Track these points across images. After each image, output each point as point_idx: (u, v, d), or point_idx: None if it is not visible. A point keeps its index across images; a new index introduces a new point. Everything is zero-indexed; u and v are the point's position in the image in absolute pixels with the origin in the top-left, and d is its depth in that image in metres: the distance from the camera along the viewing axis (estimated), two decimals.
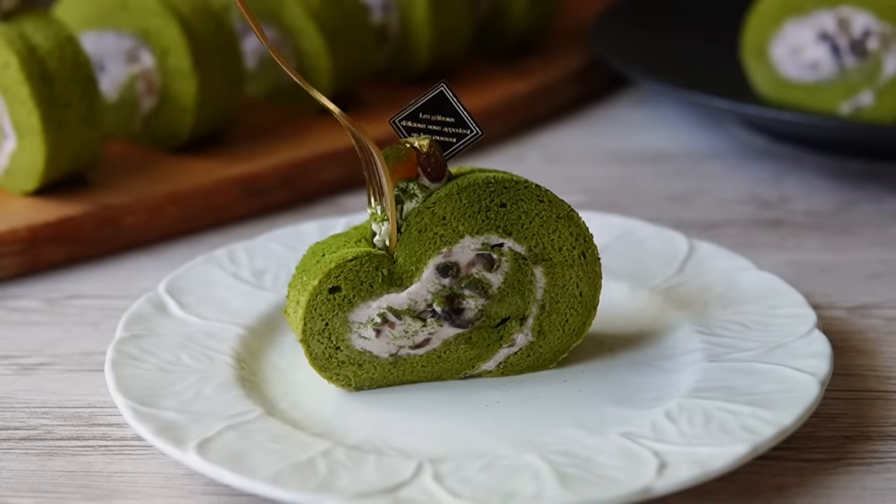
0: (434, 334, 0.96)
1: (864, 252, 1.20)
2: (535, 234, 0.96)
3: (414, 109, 0.95)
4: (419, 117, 0.95)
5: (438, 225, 0.95)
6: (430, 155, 0.94)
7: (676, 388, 0.95)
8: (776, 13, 1.37)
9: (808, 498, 0.89)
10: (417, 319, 0.95)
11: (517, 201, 0.95)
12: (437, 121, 0.95)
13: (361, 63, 1.39)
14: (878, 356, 1.04)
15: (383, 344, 0.96)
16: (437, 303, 0.95)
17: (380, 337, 0.95)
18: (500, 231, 0.96)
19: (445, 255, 0.95)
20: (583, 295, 0.98)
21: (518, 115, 1.45)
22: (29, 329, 1.09)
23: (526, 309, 0.97)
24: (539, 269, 0.97)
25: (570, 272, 0.97)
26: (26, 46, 1.18)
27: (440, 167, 0.95)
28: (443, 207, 0.94)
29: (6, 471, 0.92)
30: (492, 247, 0.95)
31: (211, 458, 0.87)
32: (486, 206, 0.95)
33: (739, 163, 1.37)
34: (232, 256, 1.10)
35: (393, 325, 0.95)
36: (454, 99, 0.95)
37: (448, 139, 0.95)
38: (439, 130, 0.95)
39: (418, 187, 0.94)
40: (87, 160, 1.22)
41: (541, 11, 1.53)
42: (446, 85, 0.95)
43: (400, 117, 0.95)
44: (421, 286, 0.95)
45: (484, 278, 0.96)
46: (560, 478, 0.86)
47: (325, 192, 1.31)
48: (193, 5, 1.28)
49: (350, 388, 0.96)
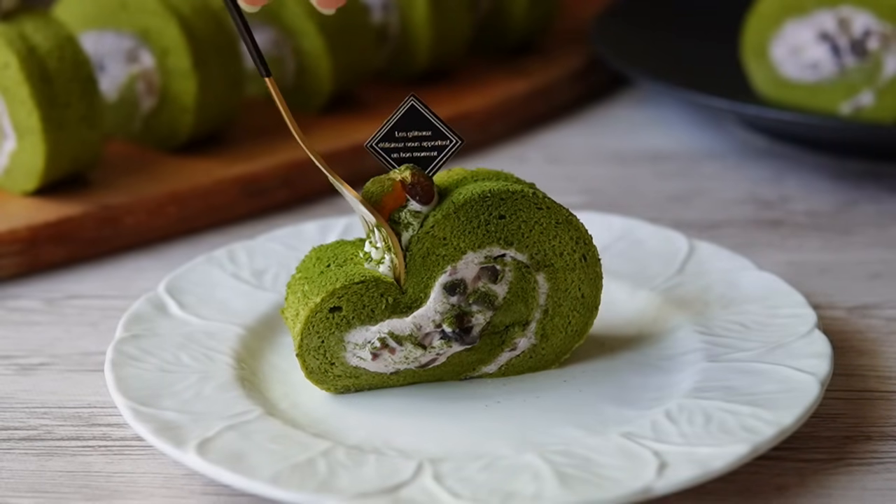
0: (442, 354, 0.96)
1: (864, 252, 1.20)
2: (535, 242, 0.95)
3: (388, 129, 0.93)
4: (395, 136, 0.93)
5: (440, 246, 0.94)
6: (414, 184, 0.93)
7: (676, 389, 0.95)
8: (776, 13, 1.37)
9: (808, 498, 0.89)
10: (418, 347, 0.95)
11: (515, 211, 0.95)
12: (414, 136, 0.93)
13: (361, 63, 1.39)
14: (878, 356, 1.04)
15: (380, 365, 0.95)
16: (447, 324, 0.95)
17: (377, 360, 0.95)
18: (502, 242, 0.95)
19: (451, 272, 0.94)
20: (585, 296, 0.98)
21: (518, 115, 1.45)
22: (29, 329, 1.09)
23: (529, 315, 0.97)
24: (541, 275, 0.96)
25: (572, 275, 0.97)
26: (26, 46, 1.18)
27: (428, 191, 0.93)
28: (442, 229, 0.94)
29: (6, 471, 0.92)
30: (494, 258, 0.95)
31: (211, 458, 0.87)
32: (485, 220, 0.94)
33: (739, 163, 1.37)
34: (232, 256, 1.10)
35: (394, 351, 0.95)
36: (426, 111, 0.93)
37: (429, 153, 0.94)
38: (418, 146, 0.94)
39: (411, 215, 0.93)
40: (87, 160, 1.22)
41: (541, 11, 1.53)
42: (416, 98, 0.93)
43: (376, 140, 0.93)
44: (428, 308, 0.94)
45: (490, 290, 0.95)
46: (560, 478, 0.86)
47: (325, 192, 1.31)
48: (193, 5, 1.28)
49: (349, 392, 0.96)
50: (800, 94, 1.37)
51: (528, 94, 1.46)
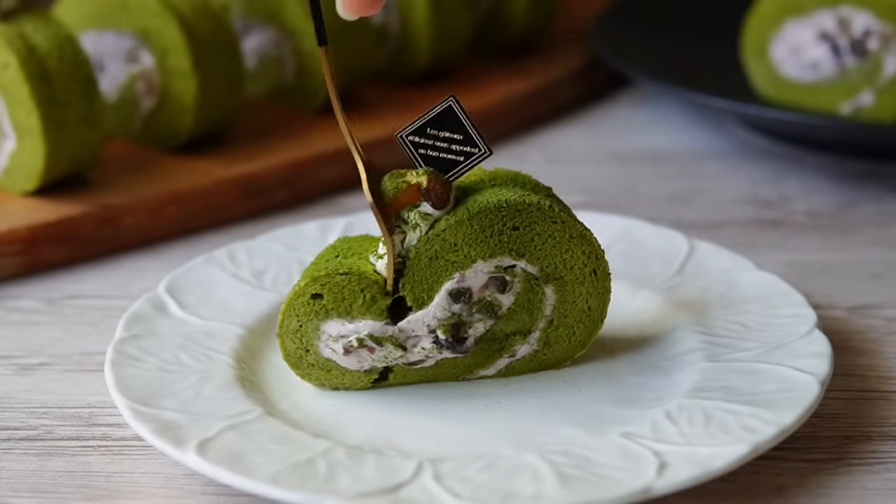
0: (431, 357, 0.96)
1: (864, 252, 1.20)
2: (547, 255, 0.95)
3: (421, 124, 0.93)
4: (426, 132, 0.93)
5: (450, 252, 0.94)
6: (429, 189, 0.92)
7: (676, 389, 0.95)
8: (776, 13, 1.37)
9: (808, 498, 0.89)
10: (399, 348, 0.95)
11: (530, 224, 0.94)
12: (445, 137, 0.93)
13: (361, 63, 1.39)
14: (878, 356, 1.04)
15: (352, 362, 0.95)
16: (441, 331, 0.95)
17: (349, 356, 0.95)
18: (514, 253, 0.95)
19: (458, 280, 0.94)
20: (591, 309, 0.97)
21: (518, 115, 1.45)
22: (29, 329, 1.09)
23: (532, 325, 0.97)
24: (550, 287, 0.96)
25: (581, 289, 0.97)
26: (26, 46, 1.18)
27: (441, 198, 0.93)
28: (454, 234, 0.93)
29: (6, 471, 0.92)
30: (504, 269, 0.95)
31: (211, 458, 0.87)
32: (499, 230, 0.94)
33: (739, 163, 1.37)
34: (232, 256, 1.10)
35: (372, 350, 0.95)
36: (463, 114, 0.92)
37: (455, 157, 0.93)
38: (446, 148, 0.93)
39: (420, 216, 0.93)
40: (87, 160, 1.22)
41: (541, 11, 1.53)
42: (455, 99, 0.92)
43: (407, 132, 0.93)
44: (427, 312, 0.94)
45: (495, 300, 0.95)
46: (560, 478, 0.85)
47: (325, 192, 1.31)
48: (193, 5, 1.28)
49: (324, 388, 0.96)
50: (800, 94, 1.37)
51: (528, 94, 1.46)
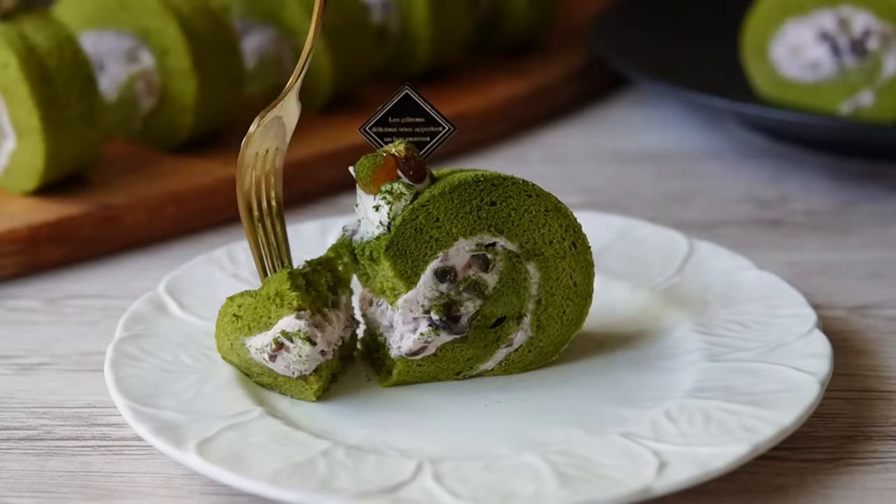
0: (430, 343, 0.96)
1: (864, 252, 1.20)
2: (525, 230, 0.96)
3: (382, 115, 0.95)
4: (388, 122, 0.96)
5: (433, 227, 0.94)
6: (408, 158, 0.94)
7: (676, 388, 0.95)
8: (776, 13, 1.37)
9: (808, 498, 0.89)
10: (307, 342, 0.93)
11: (506, 198, 0.95)
12: (407, 122, 0.96)
13: (361, 63, 1.39)
14: (878, 356, 1.04)
15: (280, 367, 0.94)
16: (434, 311, 0.95)
17: (275, 361, 0.94)
18: (493, 230, 0.95)
19: (442, 259, 0.95)
20: (577, 284, 0.98)
21: (518, 115, 1.45)
22: (29, 329, 1.09)
23: (522, 307, 0.97)
24: (532, 264, 0.96)
25: (563, 263, 0.97)
26: (26, 46, 1.18)
27: (420, 167, 0.94)
28: (436, 207, 0.94)
29: (6, 471, 0.92)
30: (485, 247, 0.95)
31: (210, 458, 0.87)
32: (477, 205, 0.95)
33: (739, 163, 1.37)
34: (232, 256, 1.10)
35: (288, 350, 0.94)
36: (420, 99, 0.95)
37: (421, 138, 0.96)
38: (411, 132, 0.96)
39: (404, 185, 0.94)
40: (86, 160, 1.22)
41: (541, 11, 1.53)
42: (411, 85, 0.95)
43: (370, 124, 0.96)
44: (417, 292, 0.95)
45: (480, 279, 0.96)
46: (560, 478, 0.86)
47: (325, 192, 1.31)
48: (193, 5, 1.28)
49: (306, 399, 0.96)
50: (800, 94, 1.37)
51: (528, 94, 1.46)
